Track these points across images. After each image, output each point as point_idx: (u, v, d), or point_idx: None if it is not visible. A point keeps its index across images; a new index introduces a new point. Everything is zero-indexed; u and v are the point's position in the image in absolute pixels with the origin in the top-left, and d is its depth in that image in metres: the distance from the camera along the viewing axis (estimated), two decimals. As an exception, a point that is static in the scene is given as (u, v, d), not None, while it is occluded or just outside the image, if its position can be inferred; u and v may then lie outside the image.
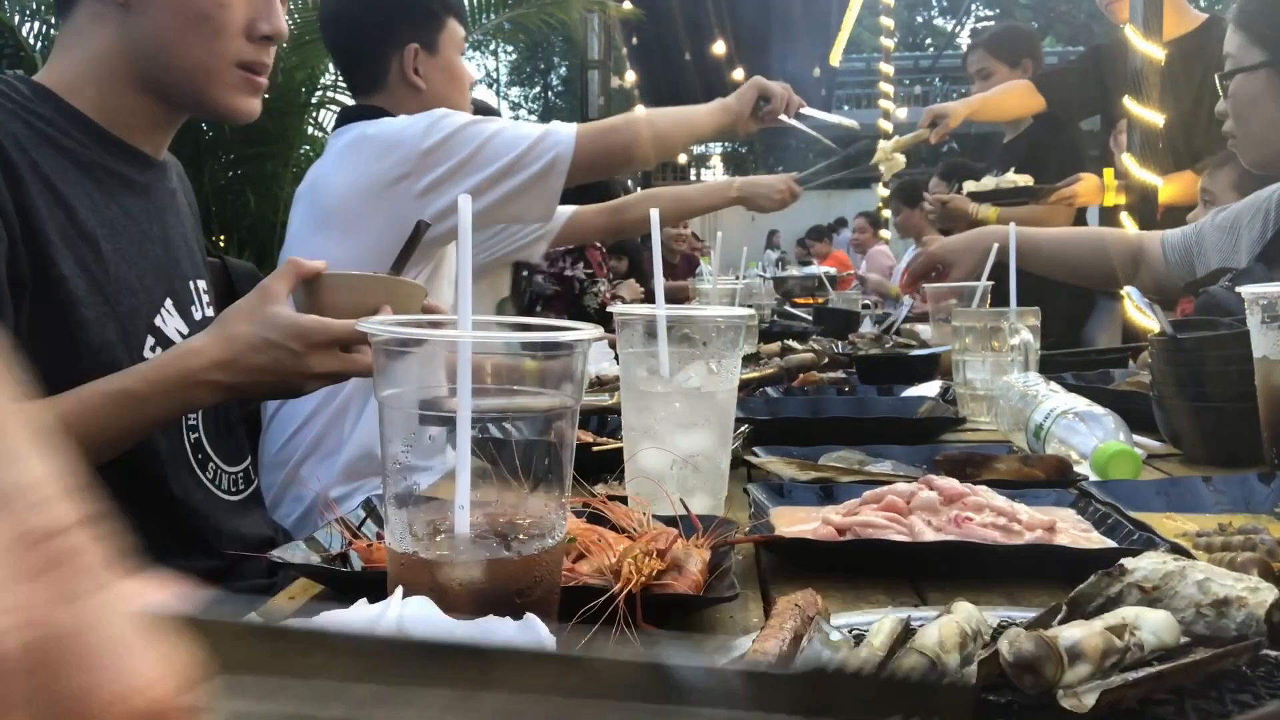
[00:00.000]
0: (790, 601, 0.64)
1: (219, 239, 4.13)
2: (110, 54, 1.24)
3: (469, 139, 1.83)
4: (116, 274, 1.20)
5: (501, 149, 1.84)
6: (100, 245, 1.19)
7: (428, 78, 2.05)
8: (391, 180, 1.84)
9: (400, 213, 1.82)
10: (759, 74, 2.25)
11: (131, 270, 1.23)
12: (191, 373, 1.10)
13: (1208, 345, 1.35)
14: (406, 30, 2.02)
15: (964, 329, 1.73)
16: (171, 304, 1.29)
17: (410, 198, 1.82)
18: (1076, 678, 0.56)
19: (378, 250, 1.85)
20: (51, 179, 1.15)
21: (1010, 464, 1.18)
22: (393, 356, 0.69)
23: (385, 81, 2.05)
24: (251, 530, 1.35)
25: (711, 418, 1.06)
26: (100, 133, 1.24)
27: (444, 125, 1.84)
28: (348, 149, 1.93)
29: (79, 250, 1.16)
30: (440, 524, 0.66)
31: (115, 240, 1.21)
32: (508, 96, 29.95)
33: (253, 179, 4.11)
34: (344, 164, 1.92)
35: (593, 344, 0.86)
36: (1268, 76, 1.85)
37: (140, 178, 1.29)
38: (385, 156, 1.84)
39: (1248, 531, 0.90)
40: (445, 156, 1.82)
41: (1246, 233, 1.91)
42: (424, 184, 1.83)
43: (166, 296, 1.29)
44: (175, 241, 1.34)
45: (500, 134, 1.86)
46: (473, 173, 1.83)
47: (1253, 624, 0.61)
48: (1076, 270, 2.25)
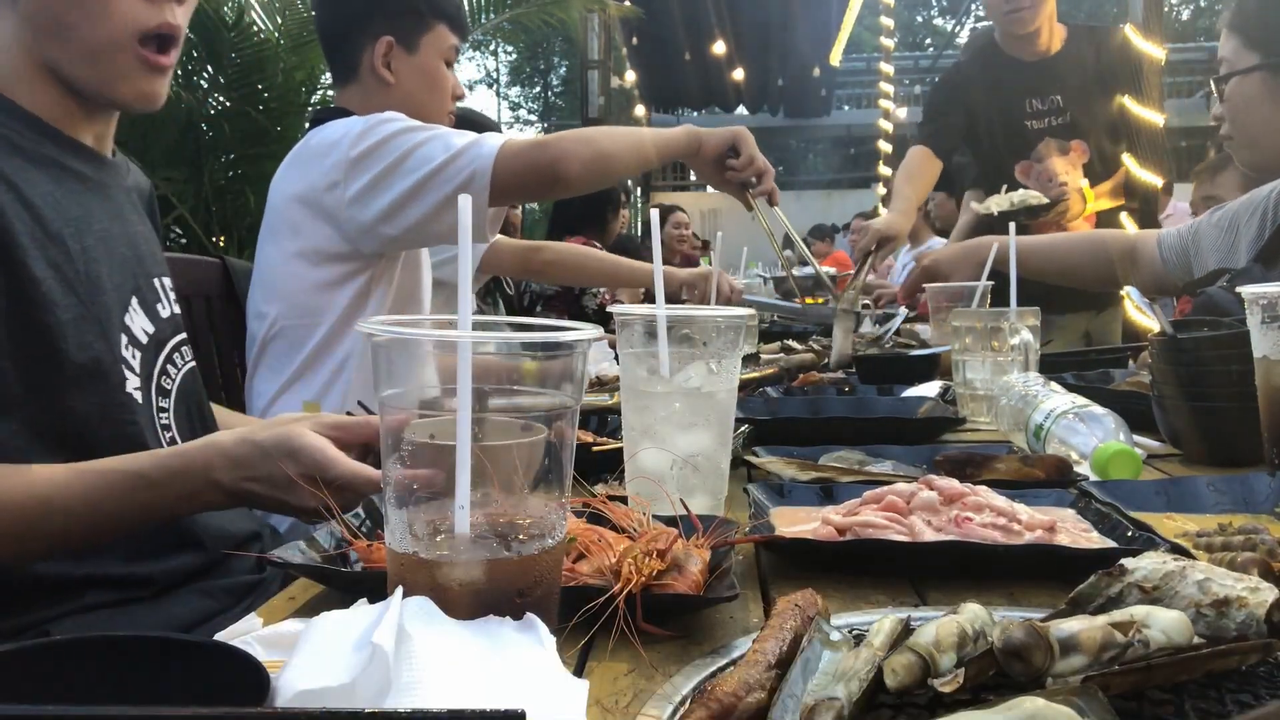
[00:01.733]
0: (790, 601, 0.64)
1: (219, 239, 4.12)
2: (15, 45, 1.17)
3: (396, 146, 1.75)
4: (87, 272, 1.16)
5: (424, 159, 1.74)
6: (69, 244, 1.14)
7: (400, 75, 2.01)
8: (324, 187, 1.80)
9: (336, 221, 1.80)
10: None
11: (101, 268, 1.18)
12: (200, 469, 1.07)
13: (1208, 345, 1.35)
14: (382, 21, 1.99)
15: (964, 329, 1.73)
16: (137, 302, 1.25)
17: (343, 205, 1.78)
18: (1069, 668, 0.56)
19: (319, 256, 1.83)
20: (12, 179, 1.10)
21: (1010, 464, 1.18)
22: (394, 357, 0.69)
23: (358, 73, 2.03)
24: (236, 525, 1.34)
25: (711, 418, 1.06)
26: (46, 129, 1.18)
27: (376, 131, 1.77)
28: (296, 155, 1.92)
29: (48, 251, 1.12)
30: (440, 524, 0.66)
31: (82, 239, 1.16)
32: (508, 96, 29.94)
33: (253, 179, 4.12)
34: (291, 170, 1.91)
35: (593, 344, 0.86)
36: (1262, 79, 1.86)
37: (95, 175, 1.24)
38: (321, 162, 1.81)
39: (1248, 531, 0.90)
40: (372, 164, 1.76)
41: (1244, 231, 1.92)
42: (353, 191, 1.77)
43: (132, 295, 1.25)
44: (137, 239, 1.30)
45: (428, 143, 1.75)
46: (396, 182, 1.75)
47: (1253, 624, 0.61)
48: (1073, 273, 2.26)
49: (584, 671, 0.69)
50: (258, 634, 0.66)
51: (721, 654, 0.66)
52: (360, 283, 1.87)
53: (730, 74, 12.83)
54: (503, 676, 0.57)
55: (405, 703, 0.52)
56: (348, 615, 0.61)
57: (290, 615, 0.81)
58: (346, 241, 1.83)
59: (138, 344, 1.24)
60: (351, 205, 1.78)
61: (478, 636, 0.61)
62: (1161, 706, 0.57)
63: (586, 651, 0.71)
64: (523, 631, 0.63)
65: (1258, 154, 1.93)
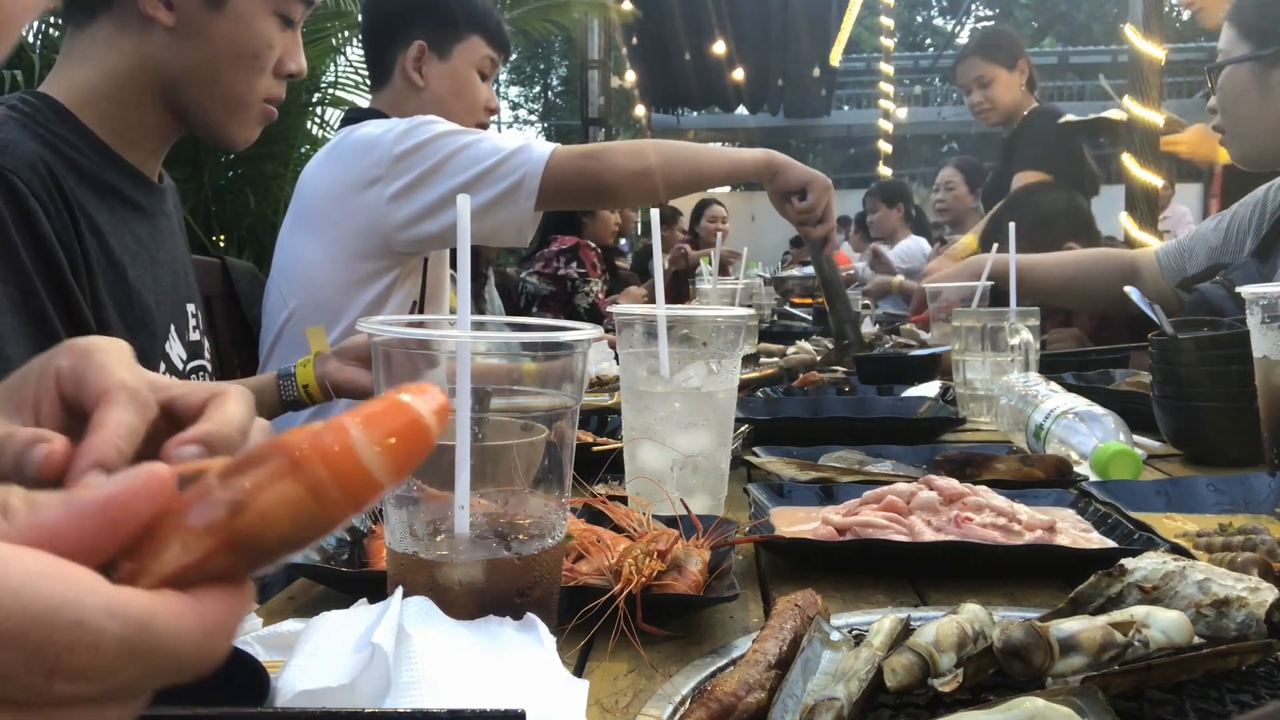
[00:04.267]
0: (790, 601, 0.64)
1: (219, 239, 4.12)
2: (134, 70, 1.21)
3: (442, 146, 1.79)
4: (139, 302, 1.18)
5: (472, 160, 1.78)
6: (127, 272, 1.16)
7: (430, 79, 2.05)
8: (365, 183, 1.82)
9: (372, 216, 1.82)
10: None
11: (150, 297, 1.21)
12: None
13: (1208, 345, 1.35)
14: (418, 25, 2.04)
15: (964, 329, 1.73)
16: (175, 330, 1.27)
17: (382, 201, 1.81)
18: (1069, 667, 0.56)
19: (349, 252, 1.86)
20: (84, 205, 1.12)
21: (1010, 464, 1.18)
22: (394, 358, 0.69)
23: (391, 75, 2.08)
24: None
25: (711, 418, 1.06)
26: (110, 155, 1.21)
27: (421, 131, 1.80)
28: (333, 150, 1.94)
29: (109, 278, 1.14)
30: (440, 524, 0.66)
31: (135, 267, 1.19)
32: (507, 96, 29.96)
33: (253, 179, 4.11)
34: (327, 164, 1.93)
35: (593, 344, 0.86)
36: (1253, 70, 1.85)
37: (146, 202, 1.27)
38: (362, 158, 1.83)
39: (1248, 531, 0.90)
40: (417, 162, 1.79)
41: (1242, 225, 1.92)
42: (395, 189, 1.80)
43: (171, 323, 1.27)
44: (177, 267, 1.33)
45: (475, 145, 1.79)
46: (442, 181, 1.78)
47: (1253, 624, 0.61)
48: (1073, 291, 2.25)
49: (584, 671, 0.68)
50: (258, 634, 0.66)
51: (721, 654, 0.65)
52: (384, 283, 1.89)
53: (730, 74, 12.83)
54: (503, 676, 0.57)
55: (405, 703, 0.52)
56: (348, 615, 0.61)
57: (290, 615, 0.81)
58: (379, 238, 1.84)
59: (175, 371, 1.25)
60: (391, 201, 1.80)
61: (478, 636, 0.61)
62: (1161, 706, 0.57)
63: (586, 651, 0.71)
64: (523, 631, 0.63)
65: (1247, 146, 1.92)
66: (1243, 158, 1.95)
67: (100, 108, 1.20)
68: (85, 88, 1.19)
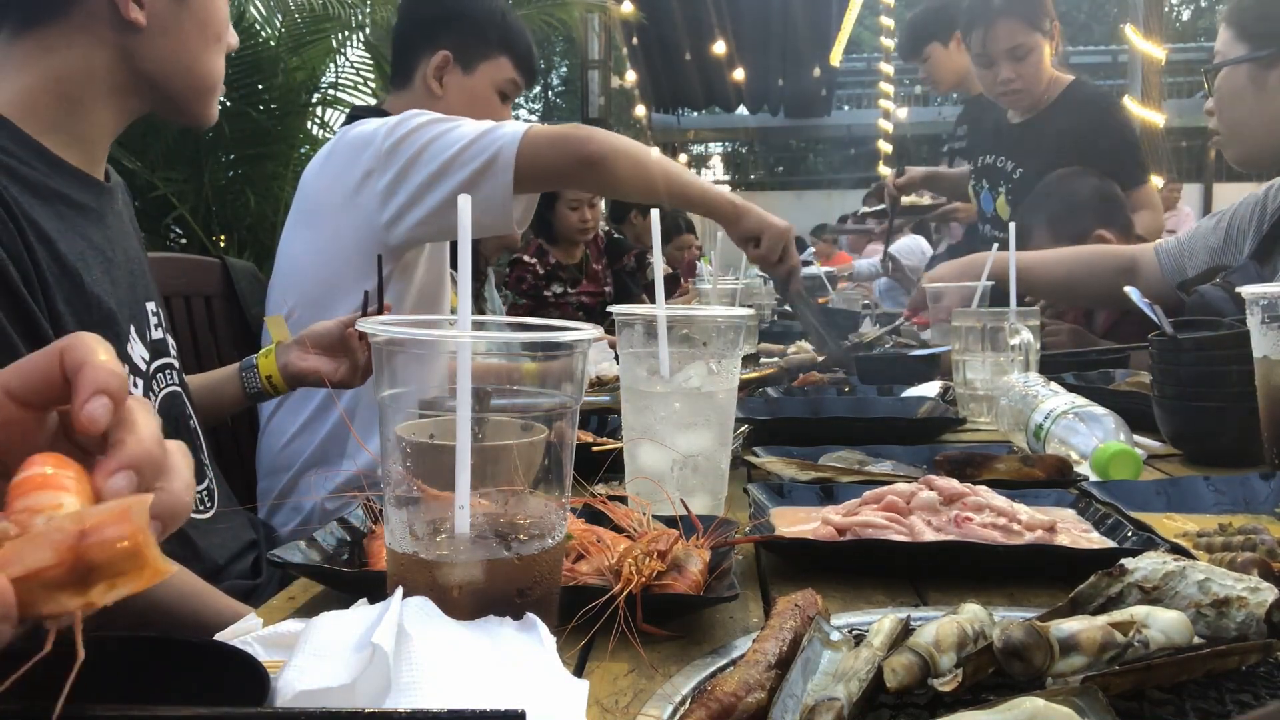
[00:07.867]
0: (790, 601, 0.64)
1: (219, 239, 4.12)
2: (96, 69, 1.19)
3: (421, 135, 1.76)
4: (98, 306, 1.15)
5: (447, 144, 1.73)
6: (83, 278, 1.13)
7: (449, 91, 2.05)
8: (360, 177, 1.82)
9: (366, 211, 1.81)
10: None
11: (109, 301, 1.18)
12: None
13: (1208, 345, 1.35)
14: (447, 35, 2.04)
15: (964, 329, 1.73)
16: (135, 330, 1.24)
17: (375, 196, 1.81)
18: (1070, 667, 0.56)
19: (346, 250, 1.85)
20: (30, 214, 1.09)
21: (1010, 464, 1.18)
22: (393, 357, 0.69)
23: (411, 80, 2.08)
24: (230, 542, 1.34)
25: (711, 418, 1.06)
26: (55, 161, 1.17)
27: (406, 123, 1.79)
28: (332, 149, 1.95)
29: (64, 286, 1.11)
30: (440, 524, 0.66)
31: (90, 272, 1.16)
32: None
33: (253, 179, 4.11)
34: (326, 164, 1.94)
35: (593, 344, 0.86)
36: (1249, 71, 1.86)
37: (95, 204, 1.23)
38: (358, 155, 1.84)
39: (1248, 531, 0.90)
40: (402, 153, 1.78)
41: (1242, 225, 1.92)
42: (384, 182, 1.79)
43: (130, 324, 1.24)
44: (133, 266, 1.30)
45: (450, 132, 1.75)
46: (421, 168, 1.76)
47: (1253, 624, 0.61)
48: (1073, 287, 2.25)
49: (584, 671, 0.69)
50: (258, 634, 0.66)
51: (721, 654, 0.66)
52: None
53: (730, 74, 12.84)
54: (502, 676, 0.57)
55: (405, 703, 0.52)
56: (348, 615, 0.61)
57: (290, 615, 0.81)
58: (373, 234, 1.84)
59: (139, 372, 1.23)
60: (382, 195, 1.81)
61: (478, 636, 0.61)
62: (1161, 706, 0.57)
63: (586, 651, 0.71)
64: (523, 631, 0.63)
65: (1243, 147, 1.93)
66: (1240, 159, 1.96)
67: (42, 114, 1.17)
68: (28, 95, 1.17)
